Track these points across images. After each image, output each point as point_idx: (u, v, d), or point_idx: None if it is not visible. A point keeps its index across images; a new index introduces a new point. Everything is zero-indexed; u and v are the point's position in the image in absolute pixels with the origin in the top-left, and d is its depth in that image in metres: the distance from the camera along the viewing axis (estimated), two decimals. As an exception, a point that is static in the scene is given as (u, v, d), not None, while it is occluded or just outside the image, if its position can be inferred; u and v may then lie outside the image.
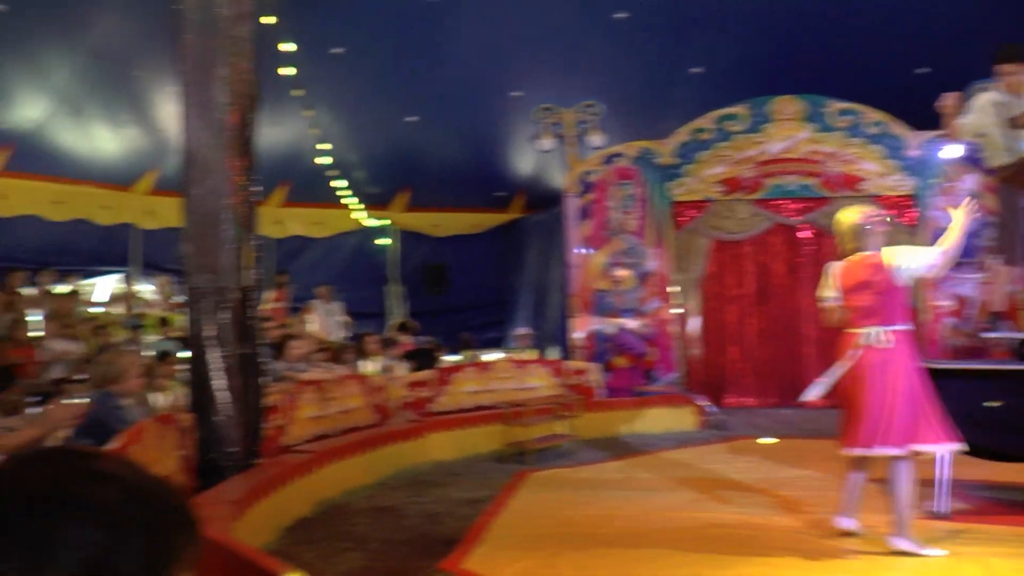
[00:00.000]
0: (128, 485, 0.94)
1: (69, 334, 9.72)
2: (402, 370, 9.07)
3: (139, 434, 4.66)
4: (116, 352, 6.38)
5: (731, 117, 11.27)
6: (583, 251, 11.35)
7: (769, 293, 11.72)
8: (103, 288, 13.14)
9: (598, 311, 11.04)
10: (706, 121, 11.31)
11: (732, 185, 11.27)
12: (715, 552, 4.78)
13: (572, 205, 11.48)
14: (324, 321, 12.02)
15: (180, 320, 11.09)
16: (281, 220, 14.40)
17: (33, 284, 11.15)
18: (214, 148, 5.47)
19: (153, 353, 8.46)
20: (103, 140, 12.38)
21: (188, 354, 5.70)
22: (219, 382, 5.42)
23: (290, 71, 10.25)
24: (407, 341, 10.68)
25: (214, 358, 5.42)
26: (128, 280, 12.87)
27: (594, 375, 9.94)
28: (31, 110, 11.40)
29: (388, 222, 15.47)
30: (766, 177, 11.22)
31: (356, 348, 9.21)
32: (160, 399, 6.95)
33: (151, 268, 13.39)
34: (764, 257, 11.76)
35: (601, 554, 4.89)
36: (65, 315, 10.13)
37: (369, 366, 9.05)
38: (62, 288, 11.46)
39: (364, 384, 7.92)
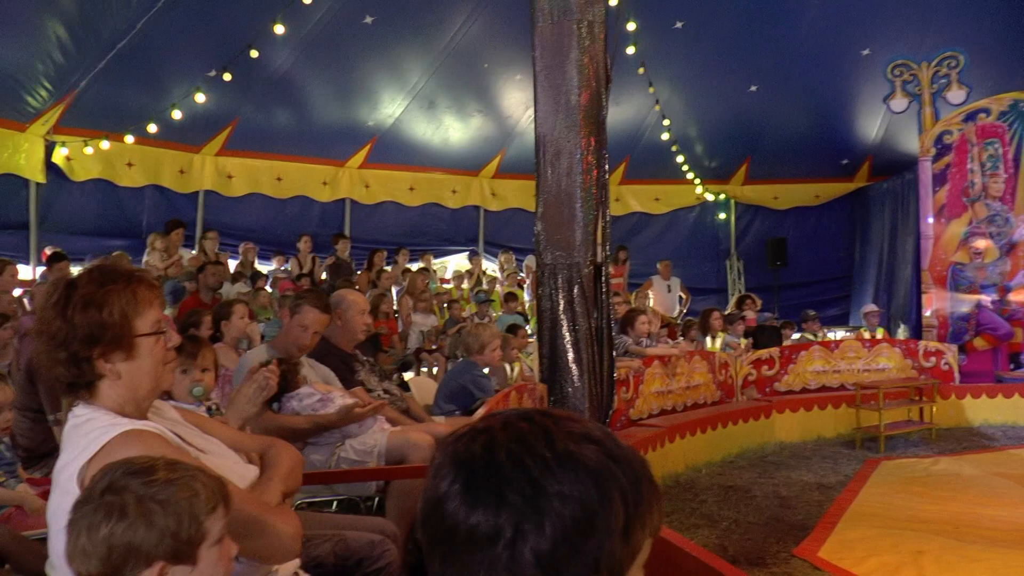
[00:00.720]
0: (607, 448, 0.96)
1: (423, 308, 10.67)
2: (746, 347, 8.92)
3: (503, 401, 4.99)
4: (477, 325, 6.87)
5: None
6: (938, 220, 10.39)
7: None
8: (452, 265, 14.29)
9: (954, 287, 10.10)
10: (1100, 60, 9.81)
11: None
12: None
13: (926, 170, 10.49)
14: (663, 296, 12.13)
15: (524, 295, 11.75)
16: (620, 197, 14.68)
17: (391, 263, 12.37)
18: (566, 130, 5.68)
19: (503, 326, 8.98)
20: (452, 130, 13.41)
21: (537, 327, 5.95)
22: (571, 354, 5.63)
23: (632, 49, 10.38)
24: (751, 317, 10.46)
25: (566, 331, 5.63)
26: (474, 258, 13.82)
27: (950, 358, 9.11)
28: (391, 107, 12.62)
29: (724, 196, 15.21)
30: None
31: (700, 323, 9.19)
32: (512, 370, 7.39)
33: (494, 246, 14.34)
34: None
35: (971, 557, 4.44)
36: (419, 291, 11.11)
37: (713, 342, 9.01)
38: (416, 266, 12.61)
39: (709, 360, 7.91)
